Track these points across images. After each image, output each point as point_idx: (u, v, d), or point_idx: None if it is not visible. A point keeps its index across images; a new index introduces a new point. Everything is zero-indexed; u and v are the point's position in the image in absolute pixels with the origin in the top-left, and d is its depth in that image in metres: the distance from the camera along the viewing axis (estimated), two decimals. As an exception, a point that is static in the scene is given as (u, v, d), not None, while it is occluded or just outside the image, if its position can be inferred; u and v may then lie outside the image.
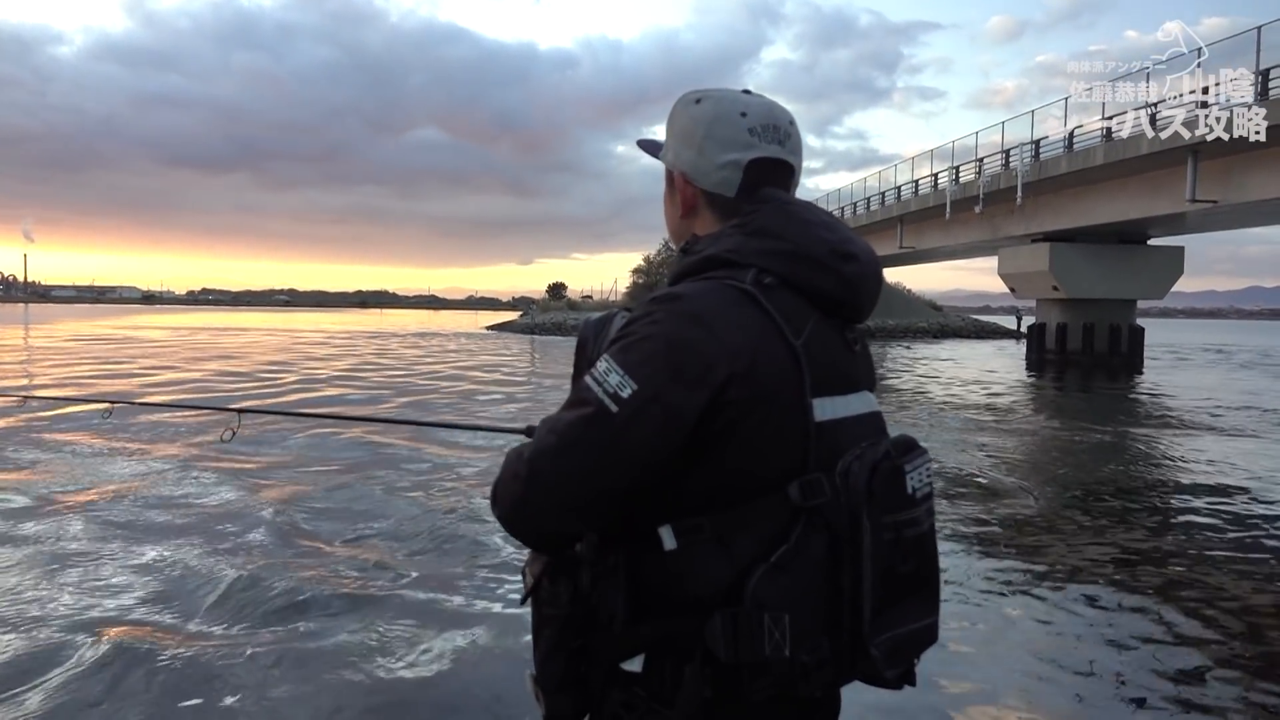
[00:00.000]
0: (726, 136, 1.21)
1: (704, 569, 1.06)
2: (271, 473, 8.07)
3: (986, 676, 3.92)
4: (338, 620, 4.38)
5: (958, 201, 30.35)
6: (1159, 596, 5.04)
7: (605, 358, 1.08)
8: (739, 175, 1.21)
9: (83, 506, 6.60)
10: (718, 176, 1.22)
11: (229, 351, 28.19)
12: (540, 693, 1.16)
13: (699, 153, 1.22)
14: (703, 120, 1.22)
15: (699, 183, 1.24)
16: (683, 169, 1.24)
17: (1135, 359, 29.55)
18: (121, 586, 4.80)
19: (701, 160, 1.22)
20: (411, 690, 3.68)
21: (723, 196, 1.22)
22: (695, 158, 1.23)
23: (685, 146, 1.24)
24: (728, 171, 1.21)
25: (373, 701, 3.57)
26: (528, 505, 1.10)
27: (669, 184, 1.30)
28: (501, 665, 3.91)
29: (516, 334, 49.35)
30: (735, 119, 1.21)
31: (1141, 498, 7.93)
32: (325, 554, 5.56)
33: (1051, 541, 6.28)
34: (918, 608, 1.12)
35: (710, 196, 1.23)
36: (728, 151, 1.20)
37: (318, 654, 3.98)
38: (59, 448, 9.13)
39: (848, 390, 1.16)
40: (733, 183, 1.21)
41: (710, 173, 1.22)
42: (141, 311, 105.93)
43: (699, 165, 1.23)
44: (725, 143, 1.21)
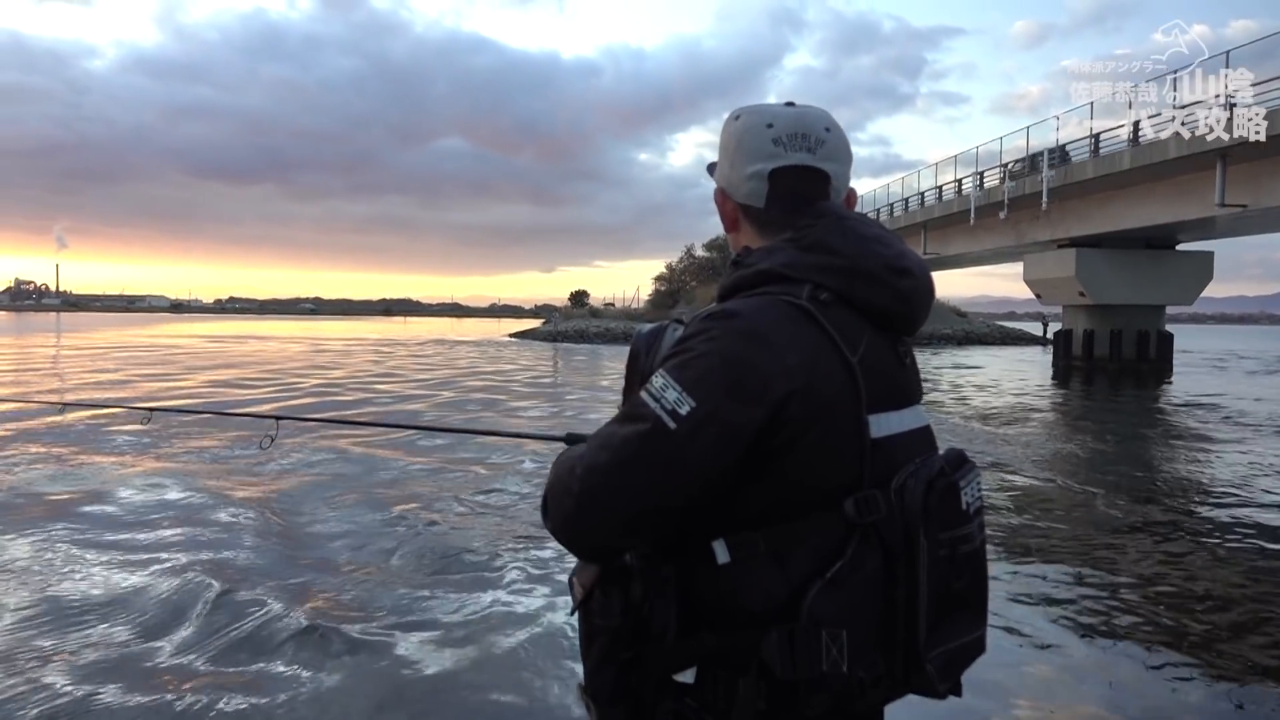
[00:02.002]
0: (752, 148, 1.21)
1: (758, 584, 1.06)
2: (284, 478, 8.14)
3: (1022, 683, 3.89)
4: (393, 624, 4.41)
5: (982, 207, 30.15)
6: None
7: (661, 373, 1.07)
8: (764, 185, 1.21)
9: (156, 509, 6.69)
10: (746, 188, 1.22)
11: (266, 359, 28.48)
12: (591, 703, 1.16)
13: (731, 166, 1.24)
14: (734, 134, 1.24)
15: (733, 196, 1.25)
16: (721, 184, 1.27)
17: (1164, 365, 29.18)
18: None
19: (733, 173, 1.24)
20: (457, 696, 3.71)
21: (754, 208, 1.23)
22: (728, 171, 1.25)
23: (723, 162, 1.27)
24: (754, 183, 1.21)
25: (417, 708, 3.61)
26: (581, 521, 1.09)
27: (716, 199, 1.32)
28: (547, 674, 3.92)
29: (539, 341, 49.46)
30: (760, 130, 1.21)
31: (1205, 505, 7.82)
32: (362, 566, 5.60)
33: (1112, 555, 6.20)
34: (968, 620, 1.12)
35: (745, 209, 1.24)
36: (753, 162, 1.21)
37: (356, 659, 4.01)
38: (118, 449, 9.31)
39: (901, 405, 1.16)
40: (760, 193, 1.21)
41: (740, 184, 1.23)
42: (170, 320, 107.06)
43: (731, 178, 1.25)
44: (751, 154, 1.21)
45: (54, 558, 5.52)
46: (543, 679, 3.86)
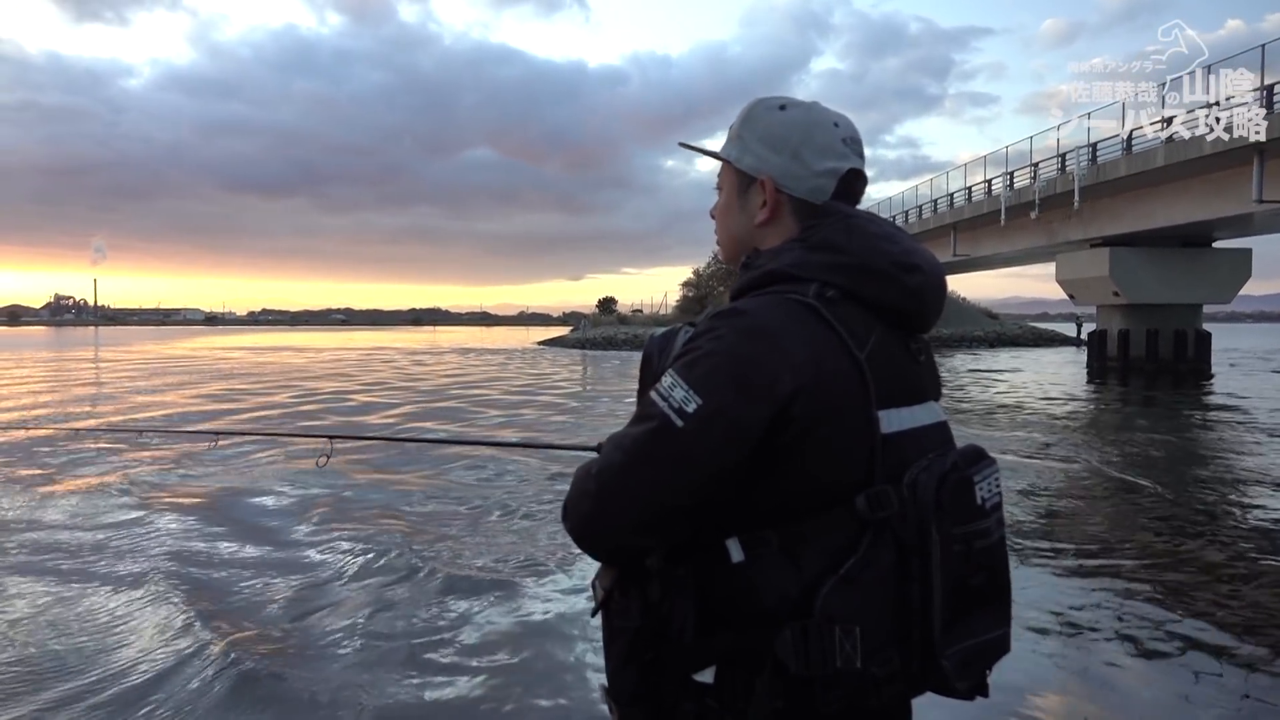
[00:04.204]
0: (824, 144, 1.22)
1: (772, 581, 1.07)
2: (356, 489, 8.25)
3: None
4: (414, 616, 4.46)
5: (1013, 207, 29.80)
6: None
7: (670, 373, 1.09)
8: (833, 184, 1.22)
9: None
10: (813, 184, 1.22)
11: (314, 373, 28.83)
12: (613, 705, 1.17)
13: (793, 158, 1.22)
14: (797, 126, 1.23)
15: (790, 189, 1.23)
16: (772, 173, 1.24)
17: (1203, 365, 28.64)
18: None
19: (796, 166, 1.22)
20: (475, 700, 3.74)
21: (809, 204, 1.23)
22: (788, 163, 1.23)
23: (773, 152, 1.24)
24: (824, 180, 1.22)
25: (442, 711, 3.64)
26: (597, 521, 1.11)
27: (736, 190, 1.29)
28: (569, 676, 3.94)
29: (568, 349, 49.60)
30: (830, 128, 1.23)
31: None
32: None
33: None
34: (989, 619, 1.11)
35: (798, 203, 1.23)
36: (826, 159, 1.22)
37: (379, 660, 4.06)
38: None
39: (913, 401, 1.16)
40: (826, 190, 1.22)
41: (806, 179, 1.22)
42: (206, 333, 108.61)
43: (792, 171, 1.22)
44: (823, 150, 1.22)
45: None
46: (567, 681, 3.88)
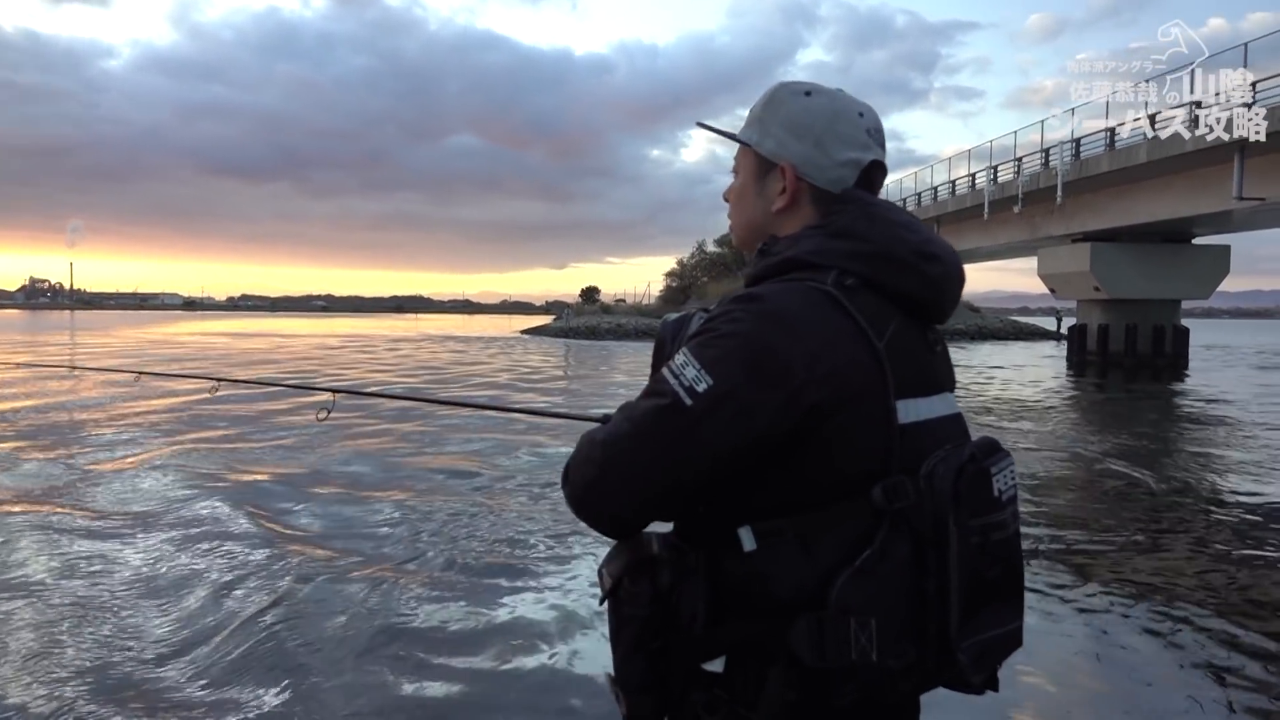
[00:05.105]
0: (848, 134, 1.21)
1: (785, 571, 1.05)
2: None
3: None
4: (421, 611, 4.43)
5: (996, 202, 29.98)
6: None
7: (683, 351, 1.08)
8: (856, 174, 1.21)
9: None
10: (836, 173, 1.21)
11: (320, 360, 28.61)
12: (620, 694, 1.15)
13: (816, 146, 1.21)
14: (822, 114, 1.21)
15: (811, 177, 1.22)
16: (793, 160, 1.22)
17: (1180, 360, 28.97)
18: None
19: (819, 154, 1.21)
20: (485, 691, 3.73)
21: (830, 193, 1.21)
22: (811, 151, 1.21)
23: (795, 139, 1.22)
24: (847, 170, 1.21)
25: (447, 701, 3.64)
26: (598, 488, 1.10)
27: (754, 174, 1.27)
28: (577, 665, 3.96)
29: (551, 338, 49.47)
30: (855, 118, 1.22)
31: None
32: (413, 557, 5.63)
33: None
34: (1004, 612, 1.10)
35: (819, 192, 1.22)
36: (850, 149, 1.21)
37: (388, 643, 4.05)
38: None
39: (930, 392, 1.15)
40: (848, 180, 1.21)
41: (829, 168, 1.21)
42: (185, 318, 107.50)
43: (814, 159, 1.21)
44: (848, 140, 1.21)
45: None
46: (571, 669, 3.89)
